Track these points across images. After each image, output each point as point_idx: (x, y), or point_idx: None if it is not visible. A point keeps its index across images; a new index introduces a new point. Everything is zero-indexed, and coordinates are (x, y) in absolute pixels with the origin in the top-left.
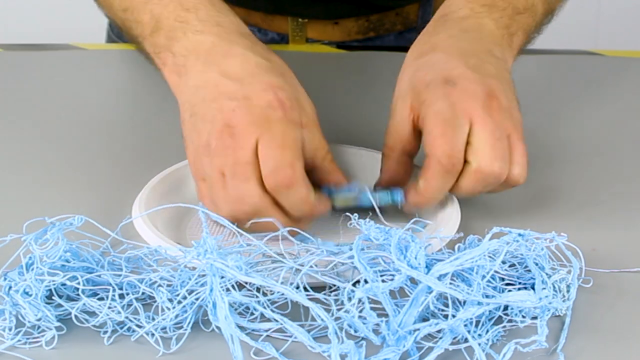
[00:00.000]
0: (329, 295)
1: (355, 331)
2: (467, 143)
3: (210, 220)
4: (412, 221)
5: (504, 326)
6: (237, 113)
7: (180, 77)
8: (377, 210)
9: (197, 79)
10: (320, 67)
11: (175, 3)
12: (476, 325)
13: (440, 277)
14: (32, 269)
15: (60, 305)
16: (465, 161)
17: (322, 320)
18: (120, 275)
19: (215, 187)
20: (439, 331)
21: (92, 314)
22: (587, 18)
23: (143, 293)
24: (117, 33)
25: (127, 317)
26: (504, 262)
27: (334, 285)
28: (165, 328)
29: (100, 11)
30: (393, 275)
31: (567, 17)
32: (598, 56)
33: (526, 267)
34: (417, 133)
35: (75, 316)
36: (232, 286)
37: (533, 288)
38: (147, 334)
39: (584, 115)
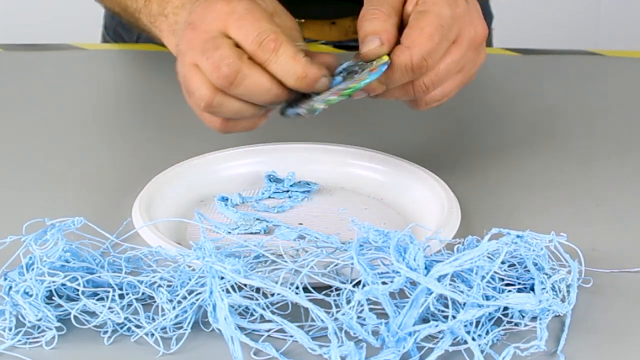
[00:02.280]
0: (329, 295)
1: (355, 333)
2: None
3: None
4: (410, 225)
5: (505, 327)
6: (197, 11)
7: (175, 34)
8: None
9: (183, 24)
10: None
11: None
12: (476, 326)
13: (439, 278)
14: (32, 269)
15: (60, 306)
16: None
17: (322, 321)
18: (120, 276)
19: (189, 75)
20: (439, 331)
21: (93, 314)
22: (587, 18)
23: (143, 293)
24: (112, 34)
25: (127, 318)
26: (503, 263)
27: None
28: (165, 328)
29: (97, 7)
30: (392, 276)
31: (567, 17)
32: (598, 56)
33: (526, 267)
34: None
35: (75, 317)
36: (232, 287)
37: (532, 288)
38: (147, 334)
39: (584, 116)
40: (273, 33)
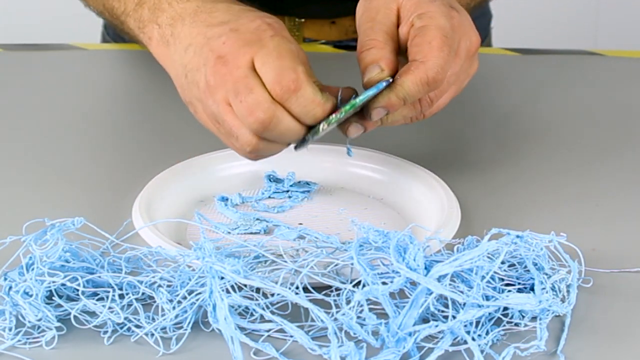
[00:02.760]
0: (329, 295)
1: (355, 333)
2: None
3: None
4: (410, 226)
5: (505, 326)
6: (226, 43)
7: (168, 46)
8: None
9: (185, 40)
10: (318, 68)
11: None
12: (476, 326)
13: (439, 279)
14: (32, 269)
15: (60, 306)
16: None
17: (321, 321)
18: (120, 276)
19: (227, 118)
20: (439, 332)
21: (93, 314)
22: (587, 18)
23: (143, 293)
24: (112, 34)
25: (127, 318)
26: (503, 263)
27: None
28: (165, 328)
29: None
30: (392, 277)
31: (567, 17)
32: (598, 56)
33: (526, 267)
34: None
35: (75, 317)
36: (232, 287)
37: (532, 288)
38: (147, 334)
39: (584, 115)
40: (293, 72)
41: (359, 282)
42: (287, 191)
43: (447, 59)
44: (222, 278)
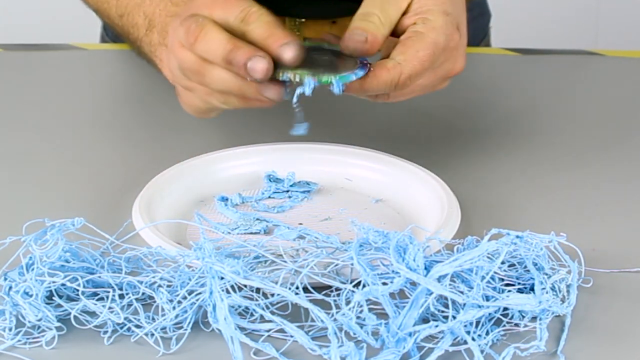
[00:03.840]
0: (329, 295)
1: (355, 334)
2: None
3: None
4: (410, 226)
5: (505, 326)
6: (182, 8)
7: None
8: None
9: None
10: None
11: (166, 1)
12: (476, 326)
13: (439, 279)
14: (32, 270)
15: (60, 306)
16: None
17: (321, 321)
18: (120, 276)
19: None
20: (439, 332)
21: (93, 314)
22: (587, 18)
23: (143, 293)
24: (111, 35)
25: (127, 318)
26: (503, 263)
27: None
28: (165, 328)
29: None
30: (392, 277)
31: (567, 17)
32: (598, 56)
33: (526, 267)
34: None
35: (75, 317)
36: (232, 287)
37: (532, 288)
38: (147, 334)
39: (584, 115)
40: (256, 9)
41: (359, 282)
42: (287, 191)
43: (422, 72)
44: (222, 278)
